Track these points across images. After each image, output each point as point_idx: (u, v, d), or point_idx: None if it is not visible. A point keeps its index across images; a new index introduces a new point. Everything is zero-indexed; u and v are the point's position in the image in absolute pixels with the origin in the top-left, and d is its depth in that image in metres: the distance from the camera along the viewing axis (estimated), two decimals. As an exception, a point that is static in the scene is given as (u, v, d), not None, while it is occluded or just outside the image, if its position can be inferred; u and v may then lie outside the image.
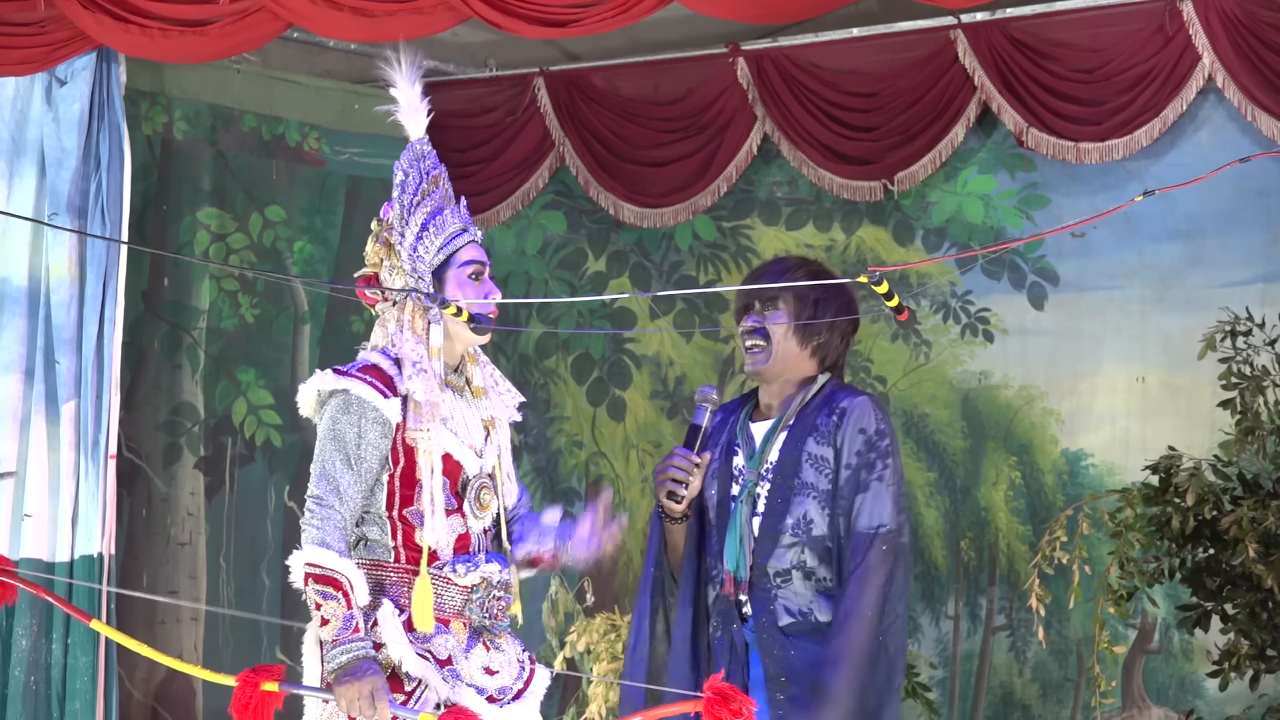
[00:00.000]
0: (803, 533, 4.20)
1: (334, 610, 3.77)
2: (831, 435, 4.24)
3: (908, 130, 6.49)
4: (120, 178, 6.30)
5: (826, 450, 4.23)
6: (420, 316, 3.98)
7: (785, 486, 4.23)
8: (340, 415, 3.90)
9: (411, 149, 4.05)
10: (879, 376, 6.76)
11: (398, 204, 4.02)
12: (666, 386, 7.17)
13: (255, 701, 3.75)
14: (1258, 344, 5.56)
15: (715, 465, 4.36)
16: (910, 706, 6.05)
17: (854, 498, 4.18)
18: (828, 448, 4.23)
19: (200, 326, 6.79)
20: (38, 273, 6.29)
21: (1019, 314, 6.51)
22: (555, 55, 7.16)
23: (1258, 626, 5.30)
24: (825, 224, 6.90)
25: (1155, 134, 6.09)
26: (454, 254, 4.01)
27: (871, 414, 4.24)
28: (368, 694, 3.71)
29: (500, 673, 3.97)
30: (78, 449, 6.19)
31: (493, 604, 4.00)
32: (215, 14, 5.90)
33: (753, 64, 6.76)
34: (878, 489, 4.18)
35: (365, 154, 7.18)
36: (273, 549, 6.79)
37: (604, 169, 7.07)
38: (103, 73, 6.29)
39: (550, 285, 7.36)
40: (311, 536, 3.83)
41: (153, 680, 6.61)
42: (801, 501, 4.22)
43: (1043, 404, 6.46)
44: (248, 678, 3.76)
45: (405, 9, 5.69)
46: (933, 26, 6.45)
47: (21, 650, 6.12)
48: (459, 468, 3.98)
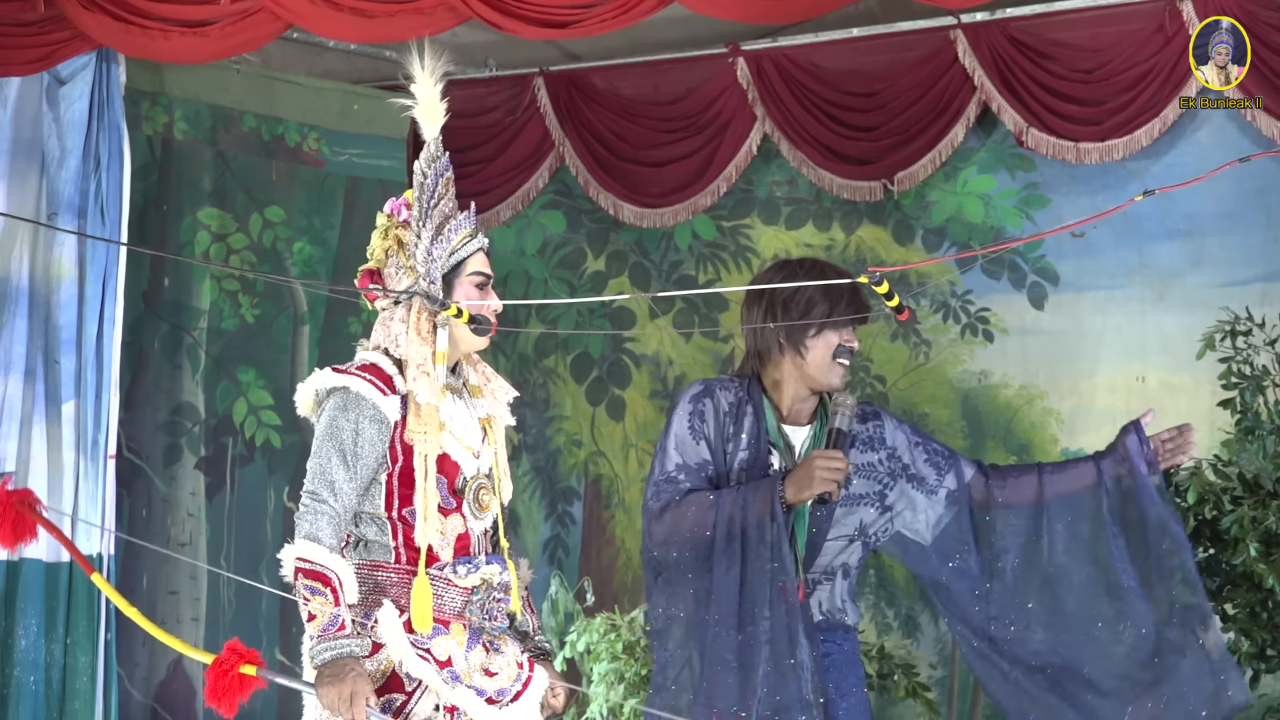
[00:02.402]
0: (855, 538, 4.23)
1: (321, 606, 3.77)
2: (875, 439, 4.28)
3: (908, 130, 6.50)
4: (120, 178, 6.30)
5: (872, 456, 4.28)
6: (426, 319, 3.97)
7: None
8: (338, 413, 3.90)
9: (429, 149, 4.03)
10: (879, 376, 6.76)
11: (416, 204, 4.00)
12: (666, 386, 7.17)
13: (231, 676, 3.82)
14: (1258, 344, 5.56)
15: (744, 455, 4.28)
16: (910, 706, 6.06)
17: (946, 457, 4.32)
18: (873, 452, 4.28)
19: (201, 327, 6.79)
20: (38, 272, 6.29)
21: (1019, 314, 6.51)
22: (555, 55, 7.16)
23: (1258, 626, 5.30)
24: (825, 224, 6.90)
25: (1155, 134, 6.09)
26: (465, 261, 4.01)
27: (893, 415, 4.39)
28: (347, 696, 3.71)
29: (499, 674, 3.97)
30: (78, 449, 6.19)
31: (492, 605, 4.00)
32: (215, 14, 5.90)
33: (753, 64, 6.77)
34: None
35: (364, 155, 7.18)
36: (272, 550, 6.76)
37: (604, 169, 7.07)
38: (103, 73, 6.29)
39: (550, 285, 7.36)
40: (303, 531, 3.83)
41: (153, 680, 6.61)
42: (854, 510, 4.25)
43: (1043, 404, 6.46)
44: (228, 654, 3.85)
45: (405, 9, 5.69)
46: (933, 26, 6.45)
47: (21, 650, 6.12)
48: (456, 468, 3.98)
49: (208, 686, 3.89)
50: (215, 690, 3.87)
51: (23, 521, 4.42)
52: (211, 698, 3.88)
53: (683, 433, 4.27)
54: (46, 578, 6.12)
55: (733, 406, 4.29)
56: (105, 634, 6.14)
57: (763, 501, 4.11)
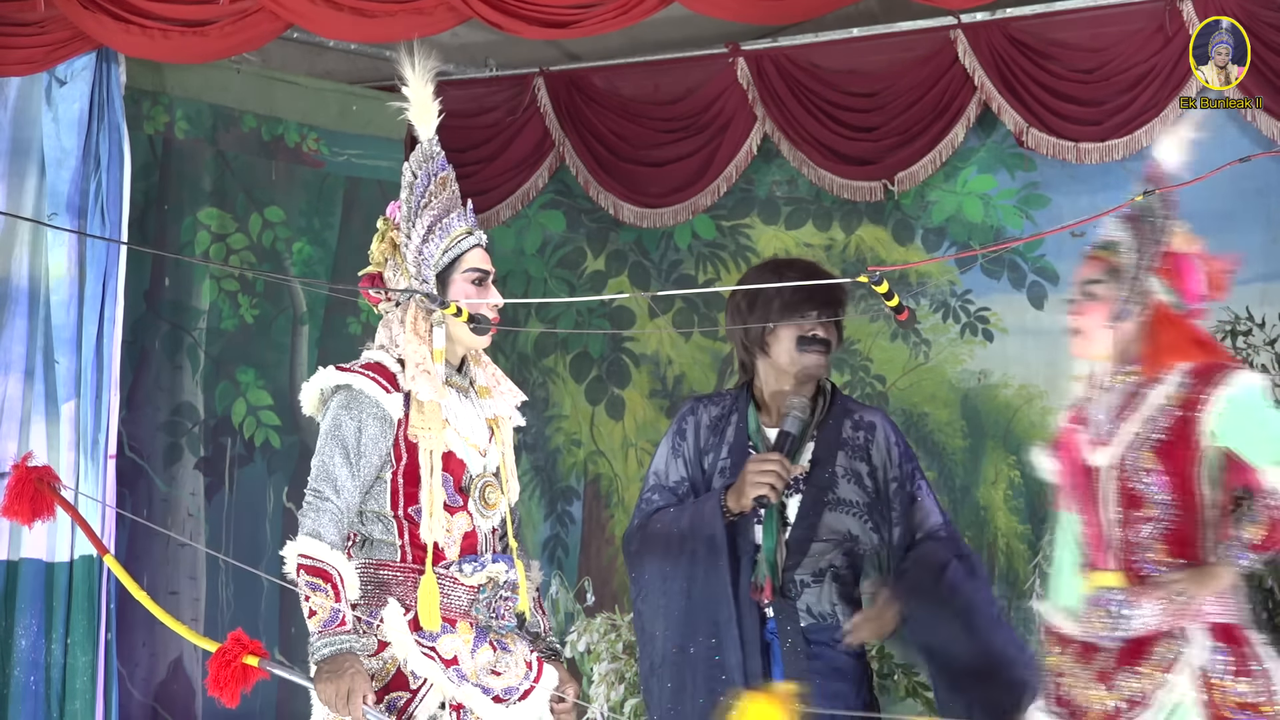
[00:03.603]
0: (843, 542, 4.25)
1: (321, 602, 3.78)
2: (864, 450, 4.30)
3: (908, 130, 6.50)
4: (120, 177, 6.29)
5: (860, 465, 4.29)
6: (423, 318, 3.98)
7: (819, 500, 4.25)
8: (341, 411, 3.90)
9: (421, 149, 4.04)
10: (878, 375, 6.76)
11: (405, 204, 4.02)
12: (665, 385, 7.18)
13: (234, 666, 3.84)
14: (1258, 343, 5.56)
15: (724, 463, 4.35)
16: (910, 706, 6.05)
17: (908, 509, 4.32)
18: (861, 463, 4.29)
19: (201, 327, 6.79)
20: (38, 272, 6.28)
21: (1019, 313, 6.51)
22: (555, 55, 7.16)
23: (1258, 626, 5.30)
24: (824, 223, 6.90)
25: (1155, 134, 6.09)
26: (459, 258, 4.01)
27: (893, 427, 4.42)
28: (344, 693, 3.72)
29: (506, 673, 3.97)
30: (77, 449, 6.18)
31: (499, 604, 4.00)
32: (215, 14, 5.90)
33: (753, 64, 6.77)
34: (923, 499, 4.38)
35: (363, 156, 7.18)
36: (271, 550, 6.77)
37: (604, 169, 7.07)
38: (103, 73, 6.28)
39: (549, 284, 7.37)
40: (306, 528, 3.84)
41: (153, 680, 6.61)
42: (839, 516, 4.26)
43: (1042, 403, 6.46)
44: (231, 645, 3.87)
45: (405, 9, 5.69)
46: (933, 26, 6.45)
47: (21, 650, 6.12)
48: (462, 466, 3.98)
49: (210, 676, 3.91)
50: (218, 680, 3.89)
51: (41, 499, 4.44)
52: (214, 687, 3.89)
53: (666, 451, 4.49)
54: (46, 578, 6.12)
55: (716, 420, 4.41)
56: (105, 634, 6.14)
57: (710, 513, 4.26)
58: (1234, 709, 3.54)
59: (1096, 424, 3.77)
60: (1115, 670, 3.63)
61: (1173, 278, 3.78)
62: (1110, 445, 3.72)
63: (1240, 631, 3.64)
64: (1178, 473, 3.65)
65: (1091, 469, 3.75)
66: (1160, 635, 3.60)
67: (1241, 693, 3.56)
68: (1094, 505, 3.73)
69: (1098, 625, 3.67)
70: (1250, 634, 3.66)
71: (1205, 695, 3.54)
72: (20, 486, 4.45)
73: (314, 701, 3.91)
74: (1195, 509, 3.65)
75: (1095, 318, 3.79)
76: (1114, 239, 3.81)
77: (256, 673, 3.89)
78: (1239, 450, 3.61)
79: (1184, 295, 3.78)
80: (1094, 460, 3.75)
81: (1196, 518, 3.65)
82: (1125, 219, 3.80)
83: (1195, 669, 3.56)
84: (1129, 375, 3.76)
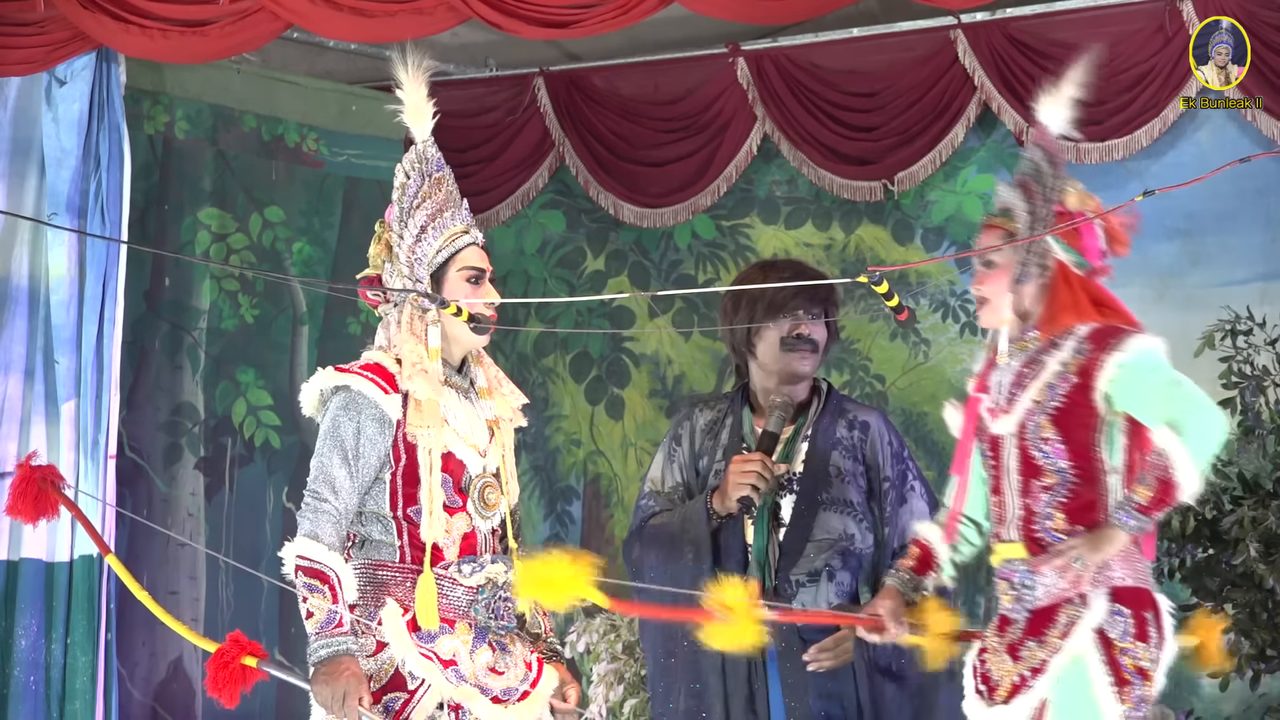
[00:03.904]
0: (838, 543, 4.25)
1: (319, 604, 3.78)
2: (858, 450, 4.30)
3: (908, 130, 6.50)
4: (120, 177, 6.30)
5: (854, 465, 4.29)
6: (419, 318, 3.98)
7: (813, 500, 4.25)
8: (340, 412, 3.90)
9: (415, 150, 4.04)
10: (878, 375, 6.76)
11: (397, 206, 4.02)
12: (665, 385, 7.18)
13: (233, 667, 3.85)
14: (1258, 343, 5.56)
15: (719, 466, 4.36)
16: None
17: (896, 510, 4.31)
18: (855, 462, 4.29)
19: (201, 327, 6.79)
20: (38, 272, 6.28)
21: (1019, 313, 6.50)
22: (555, 55, 7.16)
23: (1258, 626, 5.30)
24: (824, 223, 6.90)
25: (1155, 134, 6.10)
26: (454, 256, 4.01)
27: (890, 427, 4.40)
28: (340, 695, 3.72)
29: (506, 674, 3.97)
30: (77, 449, 6.18)
31: (499, 605, 4.00)
32: (215, 14, 5.90)
33: (753, 64, 6.77)
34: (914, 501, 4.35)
35: (363, 156, 7.19)
36: (271, 550, 6.76)
37: (604, 169, 7.07)
38: (103, 73, 6.28)
39: (549, 284, 7.37)
40: (304, 529, 3.85)
41: (153, 680, 6.61)
42: (834, 516, 4.26)
43: (1042, 403, 6.45)
44: (230, 645, 3.89)
45: (405, 9, 5.69)
46: (933, 26, 6.46)
47: (21, 650, 6.12)
48: (462, 466, 3.98)
49: (209, 677, 3.92)
50: (216, 680, 3.90)
51: (45, 498, 4.44)
52: (213, 688, 3.91)
53: (662, 458, 4.51)
54: (46, 578, 6.12)
55: (711, 423, 4.43)
56: (105, 634, 6.14)
57: (696, 516, 4.29)
58: (1132, 671, 3.52)
59: (998, 391, 3.74)
60: (1022, 641, 3.61)
61: (1070, 236, 3.73)
62: (1011, 413, 3.69)
63: (1146, 595, 3.61)
64: (1076, 440, 3.61)
65: (996, 437, 3.73)
66: (1063, 602, 3.58)
67: (1137, 656, 3.53)
68: (1000, 474, 3.71)
69: (1005, 599, 3.67)
70: (1158, 598, 3.63)
71: (1105, 655, 3.52)
72: (24, 486, 4.45)
73: (313, 702, 3.91)
74: (1096, 477, 3.60)
75: (998, 284, 3.75)
76: (1007, 204, 3.78)
77: (255, 673, 3.90)
78: (1133, 413, 3.57)
79: (1084, 253, 3.73)
80: (995, 429, 3.72)
81: (1097, 486, 3.60)
82: (1016, 183, 3.77)
83: (1093, 632, 3.53)
84: (1030, 342, 3.73)
